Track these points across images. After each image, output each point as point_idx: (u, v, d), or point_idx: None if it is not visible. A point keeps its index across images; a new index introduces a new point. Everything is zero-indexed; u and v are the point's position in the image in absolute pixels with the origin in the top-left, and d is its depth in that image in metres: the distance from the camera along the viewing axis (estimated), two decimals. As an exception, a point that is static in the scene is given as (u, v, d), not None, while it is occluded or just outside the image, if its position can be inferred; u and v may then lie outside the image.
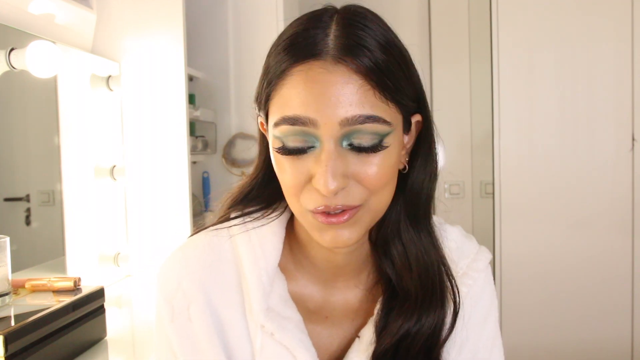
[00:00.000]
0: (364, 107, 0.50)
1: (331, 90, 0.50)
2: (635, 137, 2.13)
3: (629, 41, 2.12)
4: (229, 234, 0.64)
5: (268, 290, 0.61)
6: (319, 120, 0.50)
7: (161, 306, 0.62)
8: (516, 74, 2.21)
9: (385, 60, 0.51)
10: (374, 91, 0.50)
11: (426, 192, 0.61)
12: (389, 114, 0.52)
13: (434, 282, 0.61)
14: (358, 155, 0.52)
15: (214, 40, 2.15)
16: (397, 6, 2.71)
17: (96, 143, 1.61)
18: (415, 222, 0.62)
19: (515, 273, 2.24)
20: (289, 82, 0.52)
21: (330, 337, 0.65)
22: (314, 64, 0.50)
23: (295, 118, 0.51)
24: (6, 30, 1.27)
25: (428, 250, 0.62)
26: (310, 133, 0.51)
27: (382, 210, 0.57)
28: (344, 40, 0.50)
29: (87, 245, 1.57)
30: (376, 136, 0.51)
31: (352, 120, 0.50)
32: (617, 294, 2.18)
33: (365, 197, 0.53)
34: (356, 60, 0.50)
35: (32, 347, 0.96)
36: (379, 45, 0.51)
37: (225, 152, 2.17)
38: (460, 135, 2.71)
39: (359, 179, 0.52)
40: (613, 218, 2.17)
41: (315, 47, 0.51)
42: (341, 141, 0.51)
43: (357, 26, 0.52)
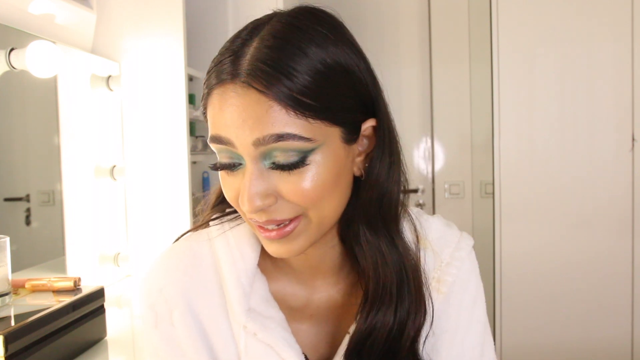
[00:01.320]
0: (274, 127, 0.50)
1: (242, 113, 0.51)
2: (635, 137, 2.13)
3: (629, 41, 2.12)
4: (208, 237, 0.65)
5: (248, 291, 0.62)
6: (234, 142, 0.52)
7: (145, 313, 0.63)
8: (516, 74, 2.21)
9: (307, 82, 0.50)
10: (287, 110, 0.50)
11: (379, 194, 0.59)
12: (309, 130, 0.51)
13: (391, 288, 0.60)
14: (281, 174, 0.52)
15: (214, 40, 2.15)
16: (397, 6, 2.71)
17: (96, 143, 1.61)
18: (371, 230, 0.60)
19: (515, 273, 2.24)
20: (210, 102, 0.54)
21: (318, 335, 0.65)
22: (227, 87, 0.52)
23: (216, 137, 0.53)
24: (6, 30, 1.27)
25: (388, 259, 0.60)
26: (234, 152, 0.53)
27: (328, 220, 0.57)
28: (258, 63, 0.50)
29: (87, 245, 1.57)
30: (296, 153, 0.51)
31: (263, 140, 0.50)
32: (617, 293, 2.18)
33: (299, 211, 0.54)
34: (266, 85, 0.50)
35: (32, 347, 0.96)
36: (303, 67, 0.51)
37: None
38: (460, 135, 2.71)
39: (284, 197, 0.53)
40: (613, 218, 2.17)
41: (231, 68, 0.52)
42: (262, 160, 0.52)
43: (279, 46, 0.51)
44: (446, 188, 2.70)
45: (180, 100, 1.66)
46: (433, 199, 2.72)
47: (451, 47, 2.69)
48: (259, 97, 0.50)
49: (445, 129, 2.72)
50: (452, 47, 2.69)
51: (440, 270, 0.66)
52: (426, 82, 2.75)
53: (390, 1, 2.72)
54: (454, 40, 2.68)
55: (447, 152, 2.73)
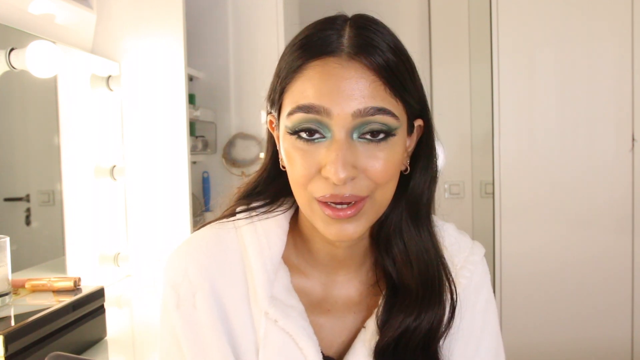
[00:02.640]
0: (375, 100, 0.54)
1: (345, 84, 0.53)
2: (635, 137, 2.13)
3: (629, 41, 2.12)
4: (234, 226, 0.66)
5: (272, 279, 0.63)
6: (332, 111, 0.53)
7: (167, 294, 0.63)
8: (516, 74, 2.21)
9: (395, 61, 0.55)
10: (384, 87, 0.54)
11: (427, 194, 0.64)
12: (397, 110, 0.55)
13: (433, 280, 0.63)
14: (367, 148, 0.55)
15: (214, 40, 2.15)
16: (397, 6, 2.71)
17: (96, 143, 1.61)
18: (416, 221, 0.64)
19: (515, 273, 2.23)
20: (305, 75, 0.55)
21: (333, 329, 0.66)
22: (329, 60, 0.54)
23: (309, 106, 0.54)
24: (6, 30, 1.27)
25: (428, 249, 0.64)
26: (323, 122, 0.54)
27: (385, 205, 0.59)
28: (357, 40, 0.55)
29: (87, 245, 1.57)
30: (385, 128, 0.55)
31: (364, 112, 0.53)
32: (617, 293, 2.18)
33: (372, 189, 0.56)
34: (369, 58, 0.54)
35: (32, 347, 0.96)
36: (389, 47, 0.55)
37: (225, 152, 2.17)
38: (460, 135, 2.70)
39: (366, 171, 0.55)
40: (613, 218, 2.17)
41: (330, 45, 0.55)
42: (352, 133, 0.54)
43: (369, 29, 0.56)
44: (446, 188, 2.70)
45: (180, 100, 1.66)
46: (433, 199, 2.71)
47: (451, 47, 2.69)
48: (364, 70, 0.54)
49: (445, 129, 2.72)
50: (452, 47, 2.69)
51: (454, 273, 0.68)
52: (426, 82, 2.74)
53: (390, 1, 2.72)
54: (454, 40, 2.68)
55: (447, 152, 2.72)
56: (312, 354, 0.60)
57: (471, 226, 2.68)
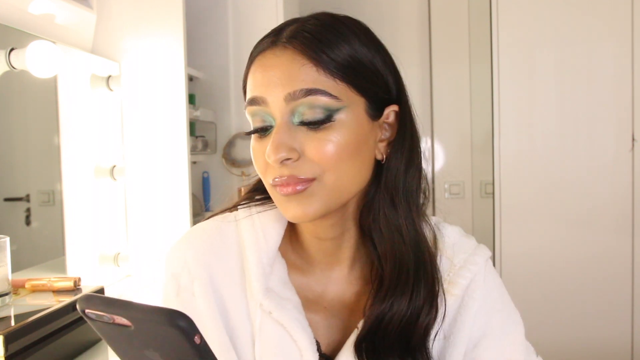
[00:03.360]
0: (306, 82, 0.54)
1: (276, 72, 0.56)
2: (635, 137, 2.13)
3: (629, 41, 2.12)
4: (235, 218, 0.68)
5: (268, 272, 0.63)
6: (267, 99, 0.56)
7: (168, 282, 0.65)
8: (516, 74, 2.21)
9: (338, 50, 0.55)
10: (317, 69, 0.55)
11: (403, 181, 0.61)
12: (336, 90, 0.55)
13: (407, 269, 0.61)
14: (308, 131, 0.56)
15: (214, 40, 2.15)
16: (397, 6, 2.71)
17: (96, 143, 1.61)
18: (392, 208, 0.62)
19: (515, 273, 2.23)
20: (250, 70, 0.59)
21: (329, 327, 0.66)
22: (267, 52, 0.58)
23: (252, 99, 0.58)
24: (6, 30, 1.27)
25: (405, 238, 0.61)
26: (266, 112, 0.57)
27: (343, 189, 0.58)
28: (297, 31, 0.57)
29: (87, 245, 1.57)
30: (324, 110, 0.55)
31: (294, 95, 0.54)
32: (617, 293, 2.18)
33: (318, 171, 0.56)
34: (302, 45, 0.55)
35: (32, 347, 0.96)
36: (335, 37, 0.56)
37: (225, 152, 2.17)
38: (460, 135, 2.70)
39: (308, 154, 0.56)
40: (613, 218, 2.17)
41: (272, 38, 0.58)
42: (291, 118, 0.56)
43: (318, 22, 0.57)
44: (446, 188, 2.70)
45: (180, 100, 1.66)
46: (433, 199, 2.69)
47: (451, 47, 2.69)
48: (294, 56, 0.55)
49: (445, 129, 2.72)
50: (452, 47, 2.69)
51: (452, 273, 0.67)
52: (426, 82, 2.75)
53: (390, 1, 2.72)
54: (454, 40, 2.68)
55: (447, 152, 2.73)
56: (306, 346, 0.60)
57: (471, 226, 2.68)
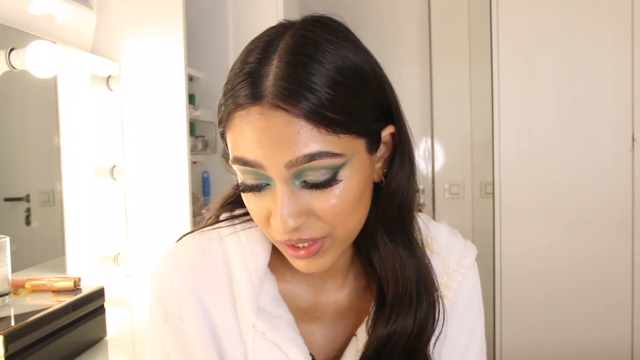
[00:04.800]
0: (308, 146, 0.49)
1: (271, 135, 0.49)
2: (635, 137, 2.13)
3: (629, 41, 2.12)
4: (218, 236, 0.65)
5: (258, 290, 0.61)
6: (264, 164, 0.51)
7: (154, 308, 0.63)
8: (516, 74, 2.21)
9: (332, 97, 0.50)
10: (318, 128, 0.49)
11: (400, 200, 0.60)
12: (339, 146, 0.51)
13: (411, 294, 0.61)
14: (312, 192, 0.52)
15: (214, 40, 2.15)
16: (397, 6, 2.71)
17: (96, 143, 1.61)
18: (390, 234, 0.61)
19: (515, 273, 2.23)
20: (234, 125, 0.53)
21: (324, 337, 0.65)
22: (252, 109, 0.50)
23: (244, 160, 0.52)
24: (6, 30, 1.27)
25: (406, 265, 0.61)
26: (262, 173, 0.52)
27: (354, 235, 0.58)
28: (282, 82, 0.49)
29: (87, 245, 1.57)
30: (328, 170, 0.51)
31: (296, 161, 0.50)
32: (617, 293, 2.18)
33: (327, 230, 0.54)
34: (295, 105, 0.49)
35: (32, 347, 0.96)
36: (324, 80, 0.50)
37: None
38: (460, 135, 2.70)
39: (317, 215, 0.53)
40: (613, 218, 2.17)
41: (254, 90, 0.50)
42: (293, 180, 0.52)
43: (298, 62, 0.50)
44: (446, 188, 2.69)
45: (180, 100, 1.66)
46: (433, 199, 2.72)
47: (451, 47, 2.69)
48: (288, 117, 0.49)
49: (445, 129, 2.72)
50: (452, 47, 2.69)
51: (447, 276, 0.67)
52: (426, 82, 2.75)
53: (390, 1, 2.72)
54: (454, 40, 2.68)
55: (447, 152, 2.73)
56: None
57: (471, 226, 2.68)
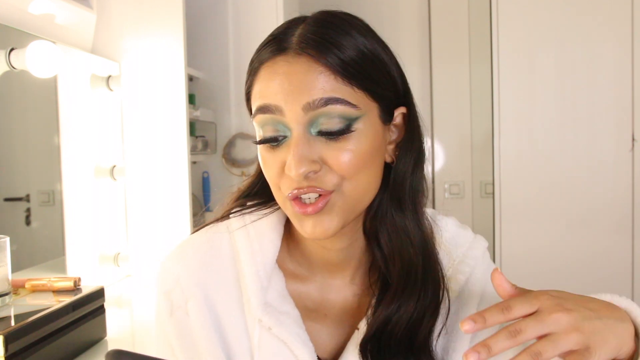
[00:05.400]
0: (325, 91, 0.53)
1: (292, 80, 0.53)
2: (635, 137, 2.13)
3: (629, 41, 2.12)
4: (228, 229, 0.65)
5: (265, 285, 0.62)
6: (283, 107, 0.54)
7: (160, 301, 0.63)
8: (516, 74, 2.21)
9: (354, 56, 0.54)
10: (335, 76, 0.53)
11: (409, 182, 0.61)
12: (354, 98, 0.54)
13: (416, 269, 0.61)
14: (327, 141, 0.54)
15: (214, 40, 2.15)
16: (397, 6, 2.71)
17: (96, 143, 1.61)
18: (400, 210, 0.61)
19: (515, 273, 2.23)
20: (259, 77, 0.57)
21: (330, 335, 0.65)
22: (278, 59, 0.55)
23: (264, 107, 0.55)
24: (6, 30, 1.27)
25: (413, 240, 0.61)
26: (281, 122, 0.55)
27: (360, 198, 0.58)
28: (307, 35, 0.54)
29: (87, 245, 1.57)
30: (343, 120, 0.54)
31: (313, 104, 0.53)
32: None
33: (337, 182, 0.55)
34: (316, 50, 0.53)
35: (32, 347, 0.96)
36: (349, 43, 0.55)
37: (225, 152, 2.17)
38: (460, 135, 2.70)
39: (329, 164, 0.54)
40: (613, 218, 2.17)
41: (280, 44, 0.56)
42: (309, 128, 0.54)
43: (326, 25, 0.55)
44: (446, 188, 2.70)
45: (180, 100, 1.66)
46: (433, 199, 2.70)
47: (451, 47, 2.69)
48: (310, 63, 0.53)
49: (445, 129, 2.72)
50: (452, 47, 2.69)
51: (452, 268, 0.66)
52: (426, 82, 2.75)
53: (390, 1, 2.72)
54: (454, 40, 2.68)
55: (447, 152, 2.73)
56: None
57: (471, 226, 2.65)
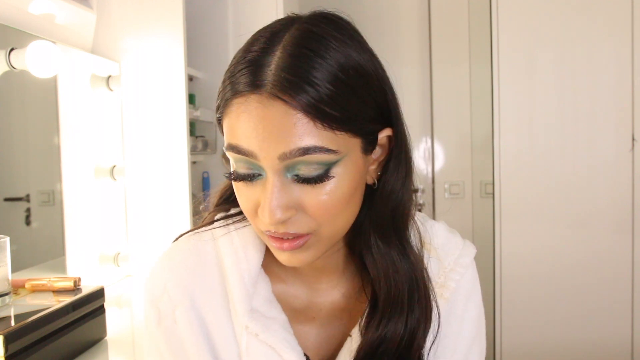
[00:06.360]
0: (302, 140, 0.49)
1: (267, 126, 0.49)
2: (635, 137, 2.13)
3: (629, 41, 2.12)
4: (212, 236, 0.65)
5: (251, 292, 0.61)
6: (258, 154, 0.51)
7: (148, 310, 0.63)
8: (516, 74, 2.21)
9: (331, 92, 0.49)
10: (314, 122, 0.49)
11: (394, 205, 0.59)
12: (334, 142, 0.51)
13: (402, 297, 0.61)
14: (304, 187, 0.52)
15: (214, 40, 2.15)
16: (397, 6, 2.71)
17: (96, 143, 1.61)
18: (383, 238, 0.60)
19: (515, 273, 2.23)
20: (230, 112, 0.52)
21: (319, 337, 0.65)
22: (251, 98, 0.50)
23: (238, 148, 0.52)
24: (6, 30, 1.27)
25: (398, 268, 0.61)
26: (254, 163, 0.52)
27: (339, 235, 0.57)
28: (283, 73, 0.49)
29: (87, 245, 1.57)
30: (321, 166, 0.51)
31: (290, 154, 0.49)
32: (617, 293, 2.18)
33: (314, 226, 0.54)
34: (293, 96, 0.48)
35: (32, 347, 0.96)
36: (326, 75, 0.50)
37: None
38: (460, 135, 2.71)
39: (305, 210, 0.53)
40: (613, 218, 2.17)
41: (254, 78, 0.50)
42: (285, 173, 0.52)
43: (301, 54, 0.50)
44: (446, 188, 2.69)
45: (180, 100, 1.66)
46: (433, 199, 2.72)
47: (451, 47, 2.69)
48: (285, 108, 0.49)
49: (445, 129, 2.72)
50: (452, 47, 2.69)
51: (444, 276, 0.66)
52: (426, 82, 2.75)
53: (390, 1, 2.72)
54: (454, 40, 2.68)
55: (447, 152, 2.73)
56: None
57: (471, 226, 2.68)
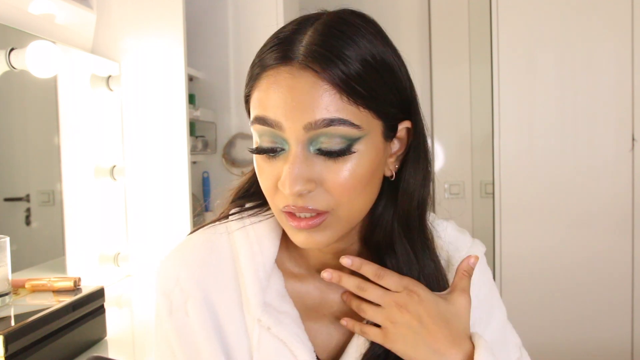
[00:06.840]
0: (329, 111, 0.51)
1: (295, 95, 0.51)
2: (635, 137, 2.13)
3: (629, 41, 2.12)
4: (227, 230, 0.65)
5: (265, 285, 0.62)
6: (283, 124, 0.52)
7: (160, 301, 0.63)
8: (516, 74, 2.21)
9: (360, 70, 0.52)
10: (340, 95, 0.51)
11: (417, 199, 0.60)
12: (358, 118, 0.52)
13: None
14: (326, 161, 0.53)
15: (214, 40, 2.15)
16: (397, 6, 2.71)
17: (96, 143, 1.61)
18: (408, 231, 0.61)
19: (515, 273, 2.23)
20: (260, 85, 0.54)
21: (330, 335, 0.65)
22: (281, 69, 0.52)
23: (264, 118, 0.53)
24: (6, 30, 1.27)
25: (423, 267, 0.61)
26: (279, 135, 0.53)
27: (357, 217, 0.58)
28: (313, 48, 0.51)
29: (87, 245, 1.57)
30: (344, 140, 0.52)
31: (315, 124, 0.51)
32: (617, 293, 2.18)
33: (332, 204, 0.54)
34: (323, 67, 0.51)
35: (32, 347, 0.96)
36: (356, 55, 0.52)
37: (225, 152, 2.17)
38: (460, 135, 2.70)
39: (325, 185, 0.53)
40: (613, 218, 2.17)
41: (286, 53, 0.52)
42: (308, 145, 0.52)
43: (333, 33, 0.52)
44: (446, 188, 2.69)
45: (180, 100, 1.66)
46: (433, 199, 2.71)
47: (451, 47, 2.69)
48: (314, 80, 0.51)
49: (445, 129, 2.72)
50: (452, 47, 2.69)
51: (451, 274, 0.66)
52: (426, 82, 2.75)
53: (390, 1, 2.72)
54: (454, 40, 2.68)
55: (447, 152, 2.73)
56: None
57: (471, 226, 2.68)
